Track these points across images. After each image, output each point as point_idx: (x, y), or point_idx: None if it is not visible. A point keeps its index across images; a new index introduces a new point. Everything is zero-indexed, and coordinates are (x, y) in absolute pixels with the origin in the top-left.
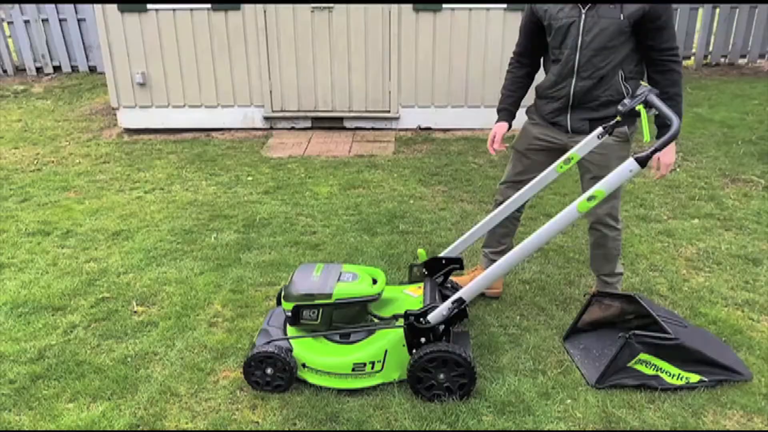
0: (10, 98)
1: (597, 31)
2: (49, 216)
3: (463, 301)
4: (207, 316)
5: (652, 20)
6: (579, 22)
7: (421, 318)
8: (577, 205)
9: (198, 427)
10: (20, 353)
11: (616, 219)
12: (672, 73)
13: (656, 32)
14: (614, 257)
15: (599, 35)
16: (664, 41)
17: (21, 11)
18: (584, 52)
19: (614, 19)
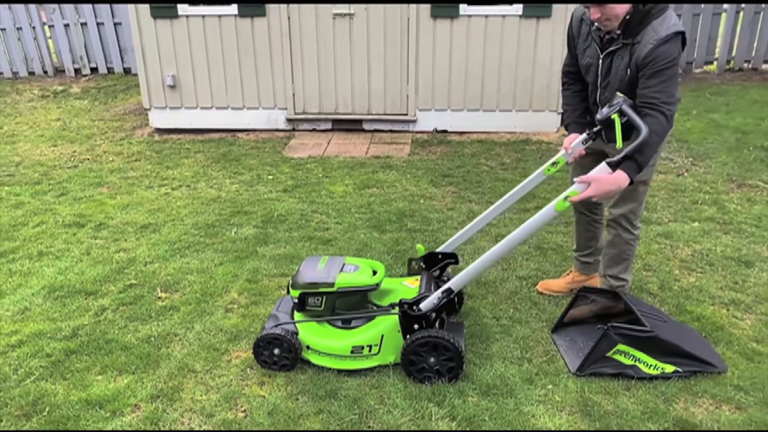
0: (50, 98)
1: (611, 77)
2: (84, 209)
3: (452, 291)
4: (224, 303)
5: (645, 67)
6: (597, 65)
7: (414, 306)
8: (556, 204)
9: (211, 398)
10: (56, 331)
11: (632, 223)
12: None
13: (643, 78)
14: (623, 260)
15: (612, 80)
16: (646, 87)
17: (62, 15)
18: (602, 90)
19: (621, 72)
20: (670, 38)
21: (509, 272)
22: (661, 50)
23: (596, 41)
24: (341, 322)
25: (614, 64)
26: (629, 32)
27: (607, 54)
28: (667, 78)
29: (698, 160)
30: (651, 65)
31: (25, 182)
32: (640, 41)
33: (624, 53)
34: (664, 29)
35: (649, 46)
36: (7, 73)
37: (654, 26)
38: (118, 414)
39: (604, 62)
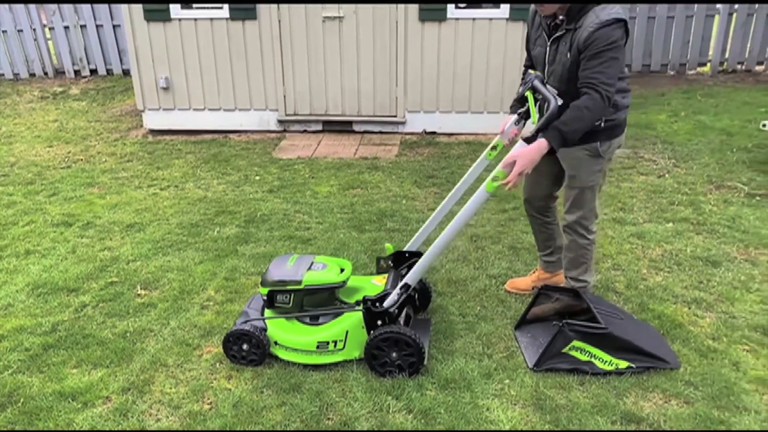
0: (50, 99)
1: (556, 64)
2: (73, 209)
3: (409, 286)
4: (200, 300)
5: (586, 49)
6: (545, 52)
7: (377, 303)
8: (486, 185)
9: (179, 391)
10: (36, 326)
11: (586, 228)
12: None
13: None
14: (581, 264)
15: (557, 66)
16: (586, 68)
17: (62, 17)
18: (551, 78)
19: (564, 57)
20: (611, 23)
21: (480, 271)
22: (600, 33)
23: (545, 30)
24: (309, 318)
25: (559, 50)
26: (571, 18)
27: (554, 40)
28: (606, 59)
29: (681, 162)
30: (591, 47)
31: (18, 182)
32: (581, 26)
33: (567, 38)
34: (605, 14)
35: (590, 29)
36: (8, 75)
37: (596, 11)
38: (89, 405)
39: (551, 49)
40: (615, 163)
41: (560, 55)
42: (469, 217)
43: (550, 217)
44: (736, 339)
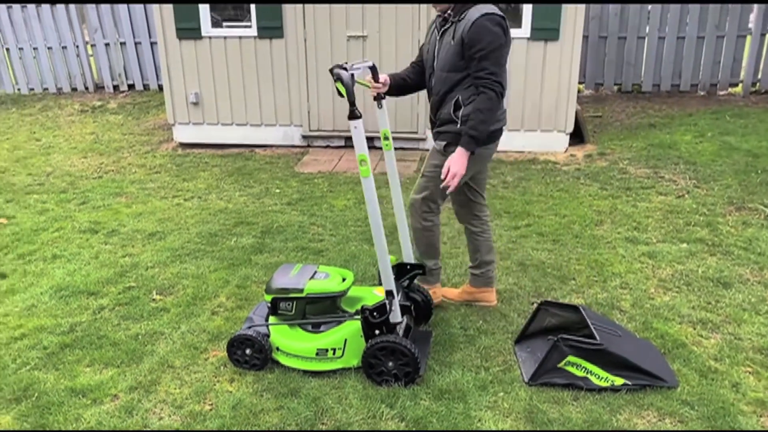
0: (89, 112)
1: (442, 55)
2: (100, 217)
3: (391, 293)
4: (212, 306)
5: (468, 49)
6: (434, 46)
7: (375, 312)
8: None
9: (183, 392)
10: (56, 327)
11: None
12: (482, 95)
13: (471, 61)
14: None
15: (443, 57)
16: (477, 69)
17: (103, 35)
18: (436, 72)
19: (448, 45)
20: (490, 14)
21: None
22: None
23: (437, 28)
24: (311, 326)
25: (445, 40)
26: (457, 12)
27: (442, 34)
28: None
29: (702, 183)
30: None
31: (52, 191)
32: (464, 18)
33: (452, 30)
34: (485, 9)
35: (472, 19)
36: (52, 89)
37: (477, 8)
38: (98, 402)
39: (440, 42)
40: (633, 182)
41: (446, 45)
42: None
43: (476, 228)
44: (740, 360)
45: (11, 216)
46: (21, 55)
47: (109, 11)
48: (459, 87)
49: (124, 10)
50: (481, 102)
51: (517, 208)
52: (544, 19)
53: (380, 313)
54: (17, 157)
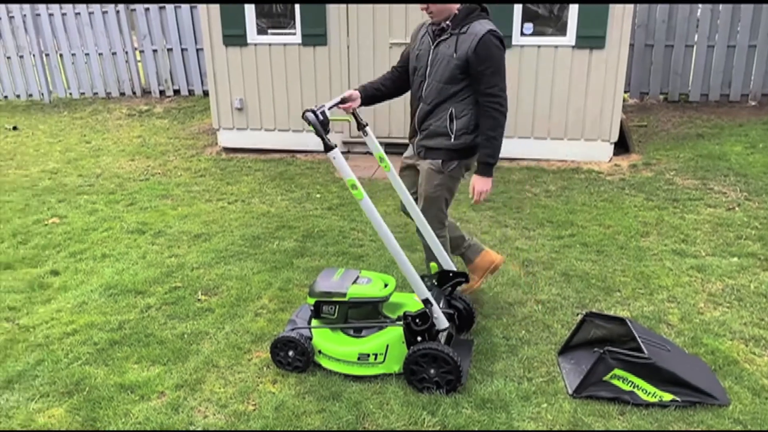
0: (136, 116)
1: (437, 65)
2: (147, 218)
3: (428, 300)
4: (255, 308)
5: (476, 66)
6: (427, 54)
7: (417, 319)
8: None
9: (227, 391)
10: (105, 323)
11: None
12: (490, 118)
13: (481, 77)
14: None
15: (438, 68)
16: (487, 86)
17: (151, 41)
18: (428, 81)
19: (448, 57)
20: (495, 32)
21: (529, 296)
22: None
23: (430, 36)
24: (353, 330)
25: (441, 52)
26: (456, 24)
27: (437, 44)
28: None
29: (753, 195)
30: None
31: (101, 192)
32: (467, 32)
33: (451, 41)
34: (489, 25)
35: (480, 34)
36: (101, 93)
37: (480, 22)
38: (145, 398)
39: (434, 51)
40: (681, 194)
41: (442, 56)
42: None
43: (442, 233)
44: None
45: (63, 215)
46: (74, 61)
47: (157, 18)
48: (453, 99)
49: (172, 18)
50: (494, 127)
51: (560, 217)
52: (590, 26)
53: (423, 320)
54: (69, 159)
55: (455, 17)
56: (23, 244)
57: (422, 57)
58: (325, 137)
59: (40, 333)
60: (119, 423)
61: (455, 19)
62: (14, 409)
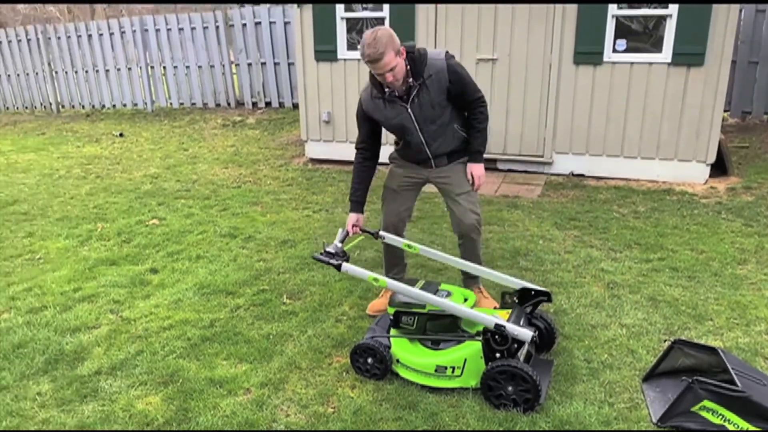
0: (229, 127)
1: (428, 113)
2: (238, 223)
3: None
4: (336, 314)
5: (457, 88)
6: (409, 115)
7: (497, 336)
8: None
9: (308, 393)
10: (198, 321)
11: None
12: (480, 114)
13: (464, 92)
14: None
15: (431, 113)
16: (472, 95)
17: (246, 55)
18: (428, 127)
19: (430, 102)
20: (449, 56)
21: (613, 319)
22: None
23: (397, 101)
24: (431, 342)
25: (423, 102)
26: (418, 75)
27: (412, 101)
28: (470, 83)
29: None
30: (458, 80)
31: (197, 197)
32: (432, 74)
33: (423, 91)
34: (439, 55)
35: (445, 69)
36: (198, 104)
37: (430, 58)
38: (233, 393)
39: (414, 108)
40: None
41: (426, 104)
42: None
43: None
44: None
45: (162, 217)
46: (175, 73)
47: (253, 34)
48: (450, 121)
49: (267, 33)
50: (483, 121)
51: (648, 240)
52: (689, 43)
53: (503, 339)
54: (168, 165)
55: (412, 72)
56: (127, 242)
57: (404, 119)
58: (332, 263)
59: (140, 326)
60: (208, 415)
61: (413, 73)
62: (117, 394)
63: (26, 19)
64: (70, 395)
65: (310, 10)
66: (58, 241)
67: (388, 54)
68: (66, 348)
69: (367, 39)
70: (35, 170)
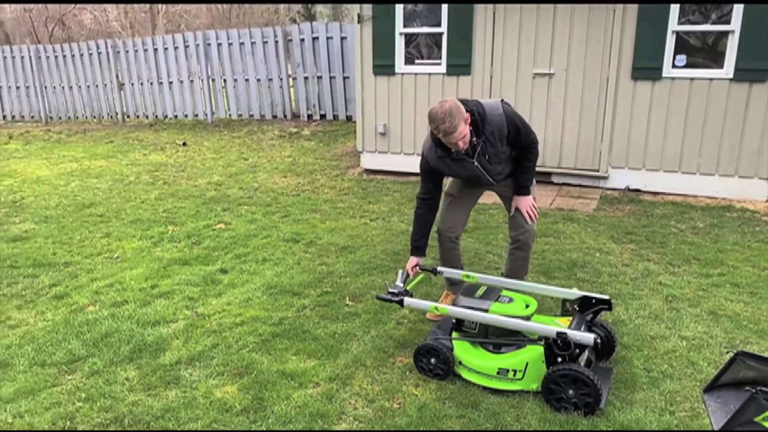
0: (286, 138)
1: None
2: (300, 229)
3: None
4: (397, 317)
5: (517, 136)
6: (477, 168)
7: (559, 341)
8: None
9: (374, 389)
10: (267, 318)
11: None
12: (531, 153)
13: (520, 137)
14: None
15: (496, 163)
16: (524, 139)
17: (303, 69)
18: (491, 170)
19: (495, 151)
20: (506, 109)
21: (672, 331)
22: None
23: (465, 158)
24: (492, 346)
25: (488, 153)
26: (480, 133)
27: (478, 155)
28: (526, 127)
29: None
30: (514, 131)
31: (259, 204)
32: (494, 131)
33: (488, 144)
34: (497, 110)
35: (504, 125)
36: (256, 115)
37: (490, 115)
38: (303, 386)
39: (480, 161)
40: None
41: (491, 155)
42: None
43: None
44: None
45: (228, 222)
46: (235, 85)
47: (311, 48)
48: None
49: (324, 48)
50: (533, 159)
51: (708, 255)
52: (752, 59)
53: (565, 345)
54: (230, 173)
55: (474, 132)
56: (197, 244)
57: (473, 171)
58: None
59: (214, 321)
60: (282, 405)
61: (476, 132)
62: (197, 382)
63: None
64: (154, 381)
65: (370, 26)
66: (133, 242)
67: (460, 125)
68: (148, 339)
69: (438, 113)
70: (107, 176)
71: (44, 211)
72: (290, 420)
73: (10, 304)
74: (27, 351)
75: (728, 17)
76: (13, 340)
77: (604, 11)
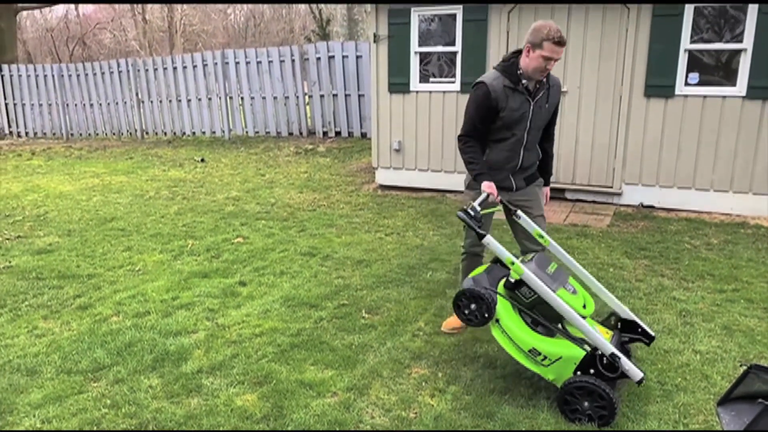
0: (302, 154)
1: (537, 120)
2: (316, 243)
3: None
4: (412, 329)
5: (557, 104)
6: (528, 112)
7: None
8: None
9: (391, 399)
10: (285, 329)
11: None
12: (552, 137)
13: (555, 112)
14: None
15: (539, 121)
16: (556, 116)
17: (319, 87)
18: (533, 133)
19: (545, 107)
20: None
21: (686, 345)
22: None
23: (525, 94)
24: (531, 320)
25: (542, 103)
26: (547, 81)
27: (536, 98)
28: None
29: None
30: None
31: (276, 218)
32: (552, 85)
33: (544, 95)
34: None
35: (558, 85)
36: (272, 132)
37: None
38: (321, 395)
39: (534, 108)
40: None
41: (543, 106)
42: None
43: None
44: None
45: (246, 236)
46: (252, 103)
47: (326, 67)
48: (539, 137)
49: (339, 67)
50: (551, 150)
51: (722, 271)
52: (764, 77)
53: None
54: (247, 189)
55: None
56: (216, 258)
57: (524, 111)
58: (477, 229)
59: (233, 332)
60: (301, 413)
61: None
62: (218, 391)
63: (111, 53)
64: (177, 389)
65: (385, 45)
66: (153, 255)
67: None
68: (170, 349)
69: (553, 26)
70: (127, 191)
71: (67, 225)
72: (309, 428)
73: (36, 314)
74: (54, 359)
75: (740, 36)
76: (40, 348)
77: (616, 29)
